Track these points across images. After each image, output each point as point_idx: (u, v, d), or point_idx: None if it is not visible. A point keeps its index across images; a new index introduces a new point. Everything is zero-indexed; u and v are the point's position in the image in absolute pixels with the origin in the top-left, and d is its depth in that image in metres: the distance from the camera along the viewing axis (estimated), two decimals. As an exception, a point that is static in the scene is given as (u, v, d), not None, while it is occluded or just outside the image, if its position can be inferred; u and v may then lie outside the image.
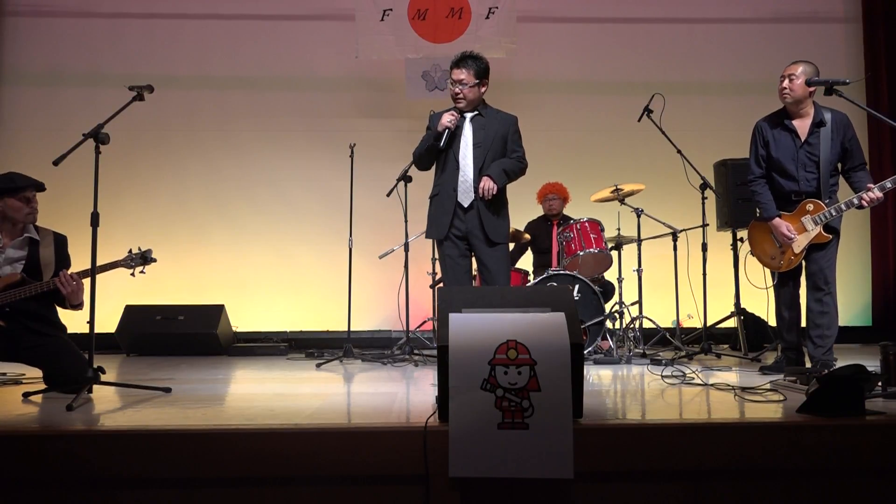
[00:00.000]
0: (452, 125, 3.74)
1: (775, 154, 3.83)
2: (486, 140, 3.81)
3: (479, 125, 3.84)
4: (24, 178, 3.46)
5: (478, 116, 3.86)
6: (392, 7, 6.13)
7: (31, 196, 3.45)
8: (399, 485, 2.35)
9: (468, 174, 3.76)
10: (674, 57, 6.62)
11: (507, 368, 2.31)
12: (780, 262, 3.87)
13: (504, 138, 3.86)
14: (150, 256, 3.52)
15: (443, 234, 3.78)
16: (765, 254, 3.97)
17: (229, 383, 3.95)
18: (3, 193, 3.39)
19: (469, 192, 3.76)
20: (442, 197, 3.81)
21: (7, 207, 3.40)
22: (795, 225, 3.78)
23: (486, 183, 3.70)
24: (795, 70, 3.76)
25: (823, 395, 2.55)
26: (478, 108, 3.86)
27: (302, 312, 6.39)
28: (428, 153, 3.85)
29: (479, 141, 3.80)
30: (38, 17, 6.49)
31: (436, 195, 3.86)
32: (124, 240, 6.00)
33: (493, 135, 3.83)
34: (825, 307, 3.74)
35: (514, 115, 3.95)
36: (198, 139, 6.55)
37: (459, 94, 3.81)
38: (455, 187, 3.76)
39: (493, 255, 3.78)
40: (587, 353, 4.59)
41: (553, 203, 5.70)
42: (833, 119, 3.77)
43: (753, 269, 4.44)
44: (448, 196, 3.78)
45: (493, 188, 3.70)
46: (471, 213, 3.76)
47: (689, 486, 2.39)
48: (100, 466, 2.33)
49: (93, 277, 3.22)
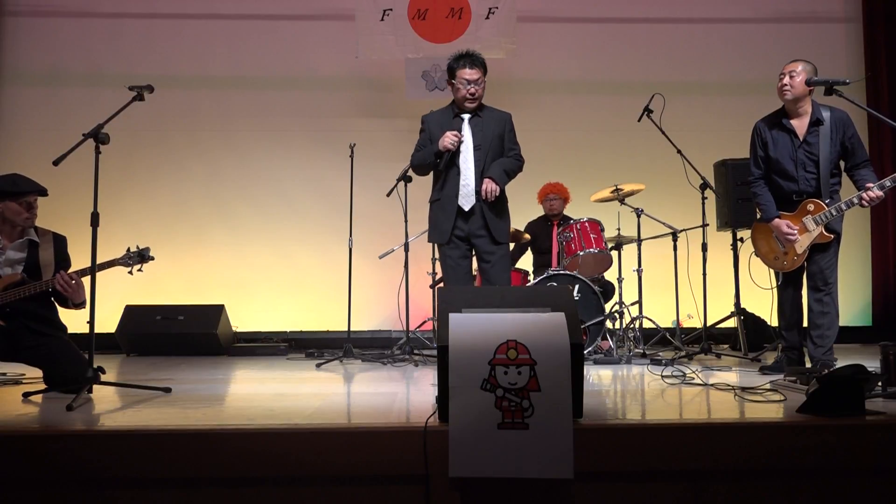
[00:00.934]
0: (454, 147, 3.73)
1: (774, 154, 3.82)
2: (486, 141, 3.82)
3: (477, 126, 3.84)
4: (28, 182, 3.43)
5: (476, 117, 3.86)
6: (392, 7, 6.14)
7: (32, 201, 3.43)
8: (399, 485, 2.35)
9: (469, 178, 3.76)
10: (674, 57, 6.61)
11: (507, 368, 2.31)
12: (784, 262, 3.87)
13: (501, 137, 3.87)
14: (148, 255, 3.50)
15: (445, 239, 3.79)
16: (768, 255, 3.97)
17: (229, 383, 3.95)
18: (5, 196, 3.37)
19: (470, 195, 3.76)
20: (444, 202, 3.81)
21: (6, 210, 3.38)
22: (797, 225, 3.77)
23: (489, 185, 3.71)
24: (796, 67, 3.76)
25: (823, 395, 2.55)
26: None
27: (302, 312, 6.39)
28: (427, 167, 3.88)
29: (478, 143, 3.80)
30: (38, 17, 6.49)
31: (437, 200, 3.86)
32: (124, 240, 5.99)
33: (490, 135, 3.84)
34: (825, 307, 3.73)
35: (508, 112, 3.94)
36: (198, 139, 6.55)
37: (476, 94, 3.80)
38: (457, 192, 3.77)
39: (496, 255, 3.79)
40: (587, 353, 4.59)
41: (554, 203, 5.70)
42: (832, 117, 3.75)
43: (758, 269, 4.45)
44: (450, 201, 3.78)
45: (495, 190, 3.71)
46: (474, 216, 3.77)
47: (689, 486, 2.39)
48: (100, 466, 2.33)
49: (93, 277, 3.21)
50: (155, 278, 6.35)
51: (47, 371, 3.39)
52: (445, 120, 3.88)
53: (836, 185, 3.81)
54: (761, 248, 4.01)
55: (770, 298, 5.22)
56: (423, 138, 3.93)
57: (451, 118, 3.88)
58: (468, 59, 3.79)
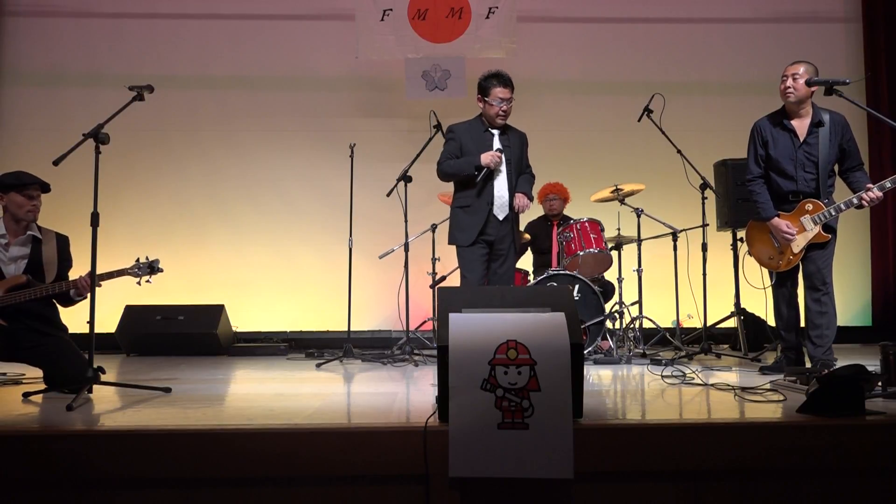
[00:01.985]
0: (495, 167, 4.00)
1: (774, 154, 3.84)
2: (514, 156, 4.12)
3: (505, 143, 4.11)
4: (31, 176, 3.51)
5: (504, 134, 4.13)
6: (392, 7, 6.13)
7: (34, 194, 3.50)
8: (399, 485, 2.35)
9: (504, 190, 4.06)
10: (674, 57, 6.61)
11: (507, 368, 2.31)
12: (779, 261, 3.87)
13: (522, 153, 4.20)
14: (158, 266, 3.57)
15: (470, 241, 4.02)
16: (763, 254, 3.97)
17: (229, 383, 3.95)
18: (9, 188, 3.44)
19: (504, 206, 4.06)
20: (475, 208, 4.04)
21: (10, 202, 3.45)
22: (795, 224, 3.78)
23: (522, 200, 4.06)
24: (798, 69, 3.77)
25: (823, 395, 2.55)
26: None
27: (302, 312, 6.39)
28: (461, 177, 4.06)
29: (508, 157, 4.08)
30: (38, 16, 6.49)
31: (467, 206, 4.06)
32: (124, 240, 6.06)
33: (517, 152, 4.16)
34: (823, 307, 3.74)
35: (524, 132, 4.25)
36: (198, 139, 6.55)
37: (507, 112, 4.07)
38: (490, 201, 4.03)
39: (511, 260, 4.14)
40: (587, 353, 4.59)
41: (554, 203, 5.70)
42: (831, 120, 3.78)
43: (752, 268, 4.44)
44: (482, 209, 4.03)
45: (528, 205, 4.09)
46: (505, 224, 4.08)
47: (689, 486, 2.39)
48: (100, 466, 2.33)
49: (93, 278, 3.22)
50: (155, 278, 6.36)
51: (47, 371, 3.40)
52: (476, 133, 4.12)
53: (831, 186, 3.84)
54: (756, 246, 4.01)
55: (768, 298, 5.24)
56: (454, 147, 4.12)
57: (481, 132, 4.11)
58: (502, 79, 4.04)
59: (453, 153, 4.09)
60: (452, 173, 4.09)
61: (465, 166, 4.02)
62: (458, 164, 4.05)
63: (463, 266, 4.09)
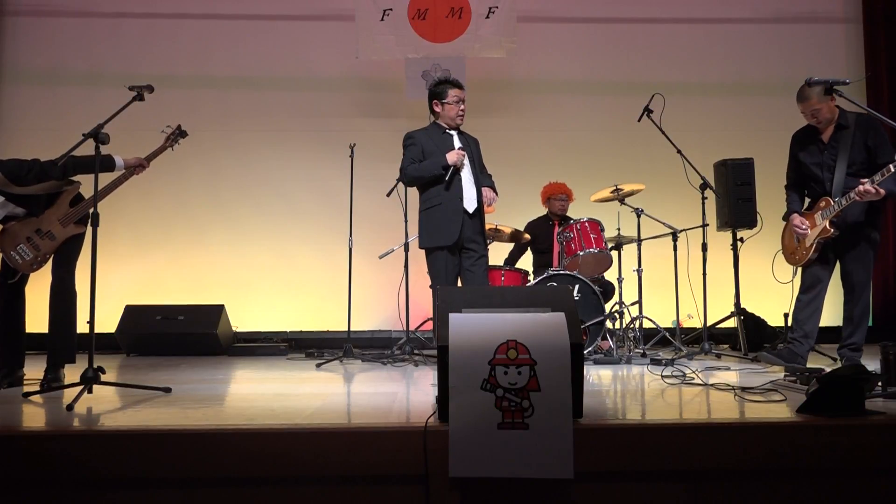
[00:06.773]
0: (461, 165, 4.05)
1: (804, 160, 3.99)
2: (474, 155, 4.22)
3: (464, 142, 4.21)
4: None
5: (461, 135, 4.24)
6: (392, 7, 6.13)
7: None
8: (399, 485, 2.35)
9: (470, 186, 4.11)
10: (674, 57, 6.62)
11: (507, 368, 2.31)
12: (797, 256, 4.08)
13: (479, 152, 4.28)
14: (183, 130, 4.10)
15: (454, 239, 4.00)
16: (787, 250, 4.18)
17: (229, 383, 3.95)
18: None
19: (473, 200, 4.10)
20: (447, 205, 4.04)
21: None
22: (810, 221, 3.95)
23: (490, 194, 4.13)
24: (814, 104, 3.82)
25: (823, 395, 2.55)
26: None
27: (302, 312, 6.39)
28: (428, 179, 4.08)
29: (470, 156, 4.16)
30: (38, 16, 6.49)
31: (438, 205, 4.05)
32: (125, 239, 6.06)
33: (475, 150, 4.26)
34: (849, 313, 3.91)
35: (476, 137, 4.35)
36: (198, 139, 6.48)
37: (464, 112, 4.19)
38: (460, 196, 4.05)
39: (484, 258, 4.12)
40: (587, 353, 4.59)
41: (563, 203, 5.72)
42: (856, 121, 3.88)
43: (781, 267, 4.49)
44: (454, 206, 4.03)
45: (495, 198, 4.15)
46: (475, 220, 4.10)
47: (689, 486, 2.39)
48: (100, 466, 2.33)
49: (93, 277, 3.21)
50: (155, 278, 6.38)
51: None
52: (436, 136, 4.19)
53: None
54: (783, 244, 4.22)
55: (768, 298, 5.26)
56: (415, 152, 4.15)
57: (440, 134, 4.19)
58: (455, 82, 4.19)
59: (416, 157, 4.13)
60: (419, 176, 4.11)
61: (431, 168, 4.06)
62: (424, 167, 4.08)
63: (437, 272, 4.02)
